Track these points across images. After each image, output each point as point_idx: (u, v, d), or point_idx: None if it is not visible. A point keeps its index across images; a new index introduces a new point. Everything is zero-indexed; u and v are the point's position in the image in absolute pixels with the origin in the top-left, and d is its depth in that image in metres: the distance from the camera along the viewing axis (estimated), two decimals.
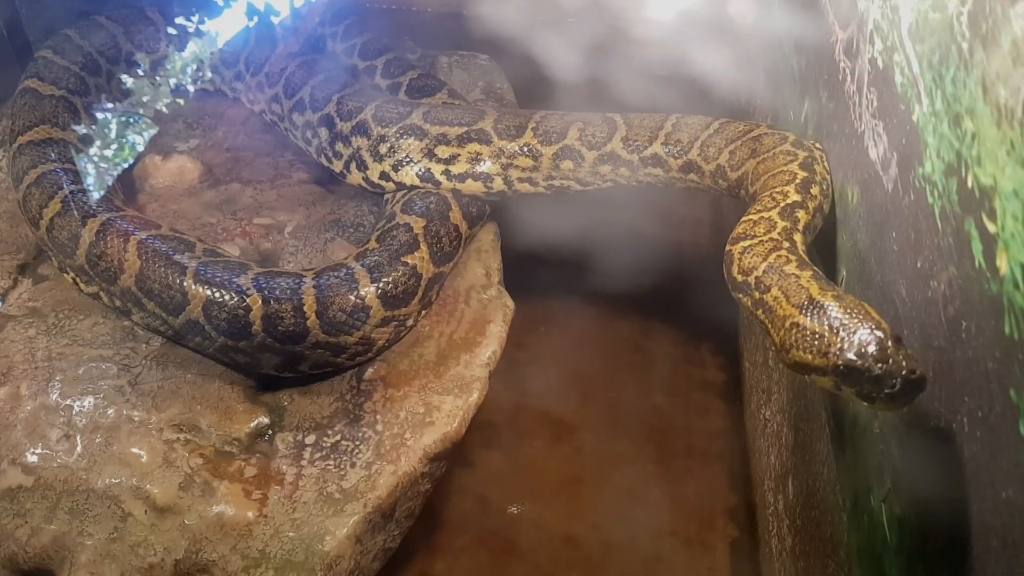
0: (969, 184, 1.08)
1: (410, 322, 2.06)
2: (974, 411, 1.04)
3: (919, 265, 1.24)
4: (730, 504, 2.35)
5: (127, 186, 2.47)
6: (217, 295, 1.92)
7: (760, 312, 1.51)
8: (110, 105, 2.68)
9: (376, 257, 2.00)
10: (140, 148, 2.61)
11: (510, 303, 2.21)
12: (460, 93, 2.56)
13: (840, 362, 1.27)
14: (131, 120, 2.68)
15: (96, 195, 2.24)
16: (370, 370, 2.05)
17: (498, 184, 2.19)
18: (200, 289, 1.94)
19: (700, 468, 2.43)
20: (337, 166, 2.37)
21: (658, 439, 2.49)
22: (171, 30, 2.82)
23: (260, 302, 1.90)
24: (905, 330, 1.27)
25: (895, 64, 1.39)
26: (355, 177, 2.32)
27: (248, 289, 1.92)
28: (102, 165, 2.44)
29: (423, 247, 2.04)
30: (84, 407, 1.95)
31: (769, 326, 1.48)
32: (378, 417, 1.96)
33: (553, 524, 2.29)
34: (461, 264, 2.27)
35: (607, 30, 2.95)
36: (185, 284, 1.95)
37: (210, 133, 2.72)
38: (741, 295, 1.59)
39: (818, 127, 1.88)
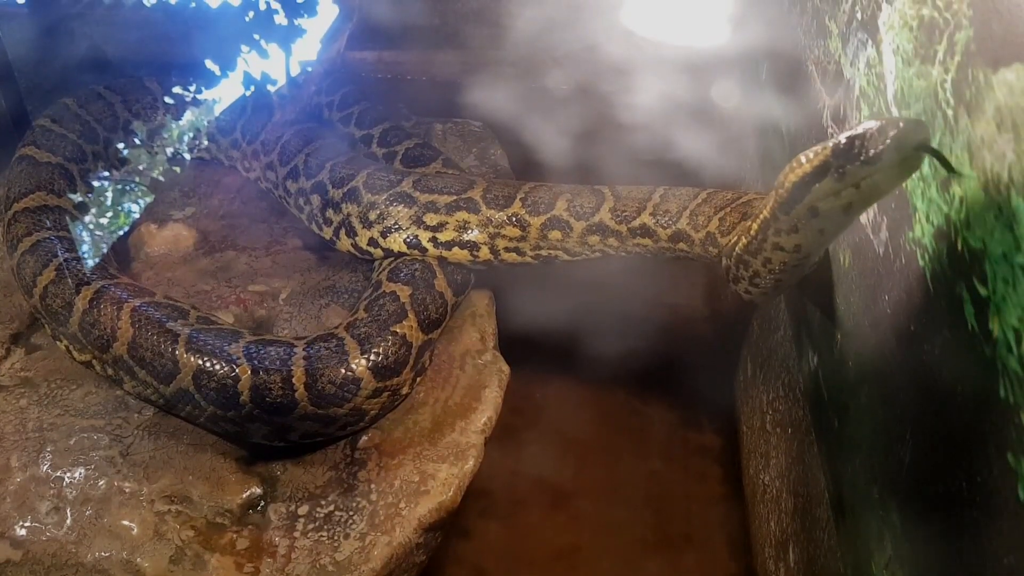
0: (959, 247, 1.09)
1: (404, 390, 2.05)
2: (973, 475, 1.02)
3: (912, 328, 1.24)
4: (730, 572, 2.31)
5: (122, 254, 2.48)
6: (207, 364, 1.91)
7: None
8: (107, 173, 2.71)
9: (365, 328, 1.99)
10: (136, 216, 2.63)
11: (505, 368, 2.20)
12: (455, 161, 2.59)
13: (837, 141, 1.28)
14: (127, 188, 2.71)
15: (91, 263, 2.25)
16: (364, 438, 2.03)
17: (484, 253, 2.20)
18: (191, 358, 1.93)
19: (699, 535, 2.39)
20: (327, 233, 2.38)
21: (656, 506, 2.46)
22: (168, 99, 2.86)
23: (249, 372, 1.89)
24: (900, 394, 1.27)
25: None
26: (344, 243, 2.33)
27: (238, 359, 1.91)
28: (97, 233, 2.45)
29: (411, 315, 2.04)
30: (75, 478, 1.92)
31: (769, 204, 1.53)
32: (372, 486, 1.93)
33: None
34: (456, 329, 2.27)
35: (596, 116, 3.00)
36: (177, 352, 1.94)
37: (206, 201, 2.74)
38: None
39: None
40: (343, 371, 1.91)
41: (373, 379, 1.94)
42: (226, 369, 1.90)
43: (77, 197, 2.50)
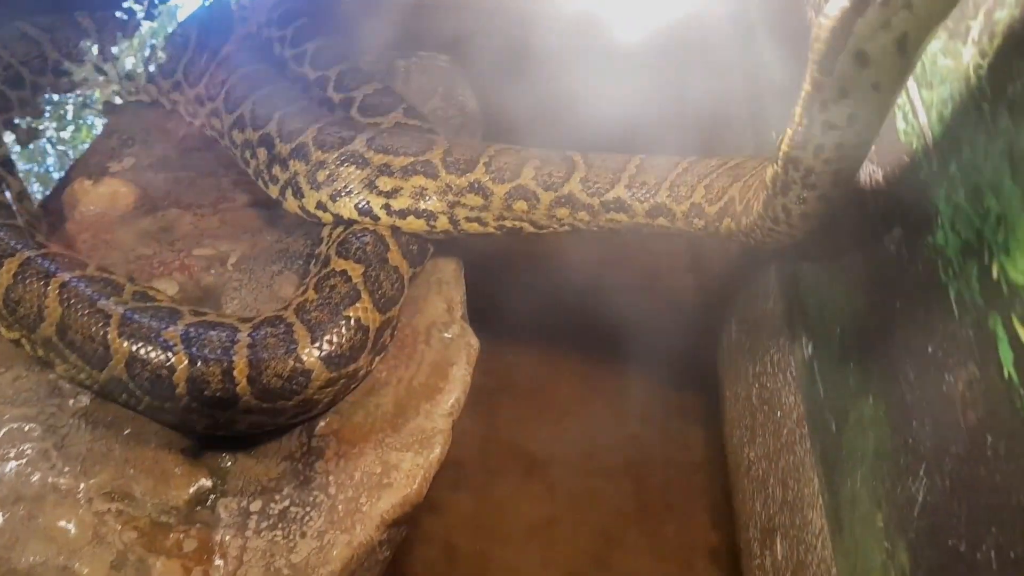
0: (995, 275, 0.92)
1: (362, 373, 1.89)
2: (1004, 548, 0.88)
3: (930, 350, 1.08)
4: (712, 544, 2.21)
5: (54, 214, 2.27)
6: (141, 351, 1.74)
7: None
8: (34, 123, 2.46)
9: (316, 312, 1.81)
10: (68, 170, 2.40)
11: (474, 342, 2.05)
12: (417, 110, 2.37)
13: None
14: (58, 139, 2.47)
15: (15, 229, 2.03)
16: (322, 423, 1.88)
17: (442, 223, 2.01)
18: (124, 343, 1.75)
19: (680, 505, 2.29)
20: (273, 191, 2.17)
21: (635, 473, 2.35)
22: (103, 36, 2.60)
23: (186, 362, 1.72)
24: (913, 420, 1.12)
25: (897, 106, 1.23)
26: (291, 204, 2.13)
27: (174, 345, 1.73)
28: (23, 192, 2.23)
29: (364, 296, 1.86)
30: (5, 474, 1.76)
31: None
32: (331, 478, 1.79)
33: (526, 573, 2.15)
34: (420, 299, 2.10)
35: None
36: (108, 336, 1.77)
37: (147, 150, 2.51)
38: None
39: None
40: (291, 363, 1.74)
41: (325, 370, 1.77)
42: (161, 357, 1.73)
43: (0, 151, 2.27)
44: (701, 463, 2.38)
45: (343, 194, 2.03)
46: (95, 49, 2.56)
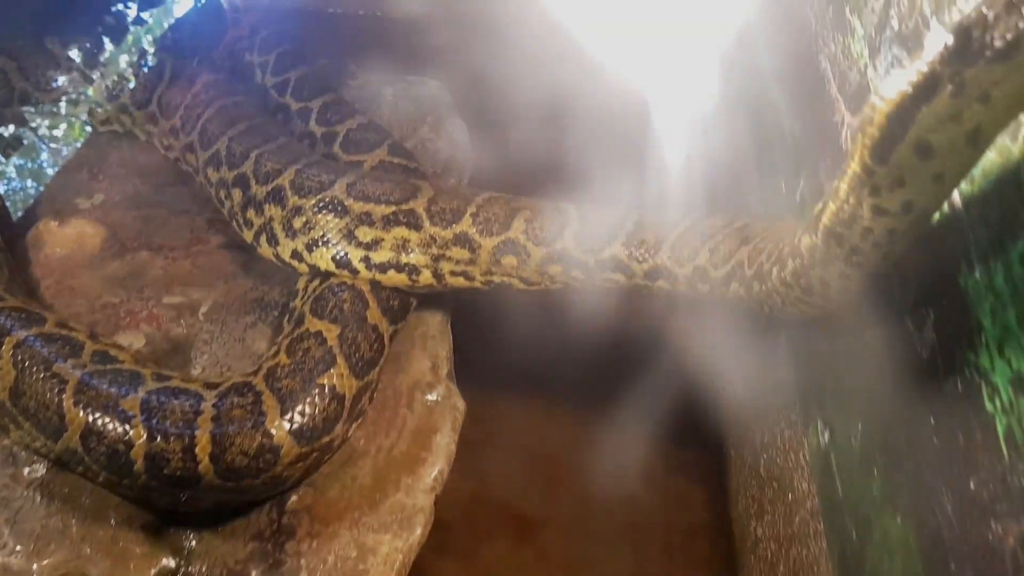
0: None
1: (336, 444, 1.75)
2: None
3: (972, 487, 0.94)
4: None
5: (19, 257, 2.12)
6: (97, 422, 1.61)
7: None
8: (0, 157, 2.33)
9: (287, 380, 1.67)
10: (34, 208, 2.26)
11: (460, 404, 1.91)
12: (403, 146, 2.23)
13: (943, 42, 0.85)
14: (25, 174, 2.33)
15: None
16: (294, 497, 1.74)
17: (426, 277, 1.87)
18: (79, 412, 1.62)
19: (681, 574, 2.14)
20: (248, 235, 2.03)
21: (633, 538, 2.20)
22: (73, 63, 2.46)
23: (144, 436, 1.58)
24: (952, 563, 0.98)
25: None
26: (266, 250, 1.99)
27: (133, 417, 1.60)
28: None
29: (340, 361, 1.72)
30: None
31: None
32: (302, 562, 1.65)
33: None
34: (403, 355, 1.96)
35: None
36: (64, 404, 1.63)
37: (117, 185, 2.37)
38: None
39: None
40: (259, 438, 1.60)
41: (296, 445, 1.63)
42: (118, 430, 1.60)
43: None
44: (703, 527, 2.23)
45: (320, 244, 1.89)
46: (64, 77, 2.42)
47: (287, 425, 1.63)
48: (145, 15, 2.72)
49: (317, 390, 1.68)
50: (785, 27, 1.79)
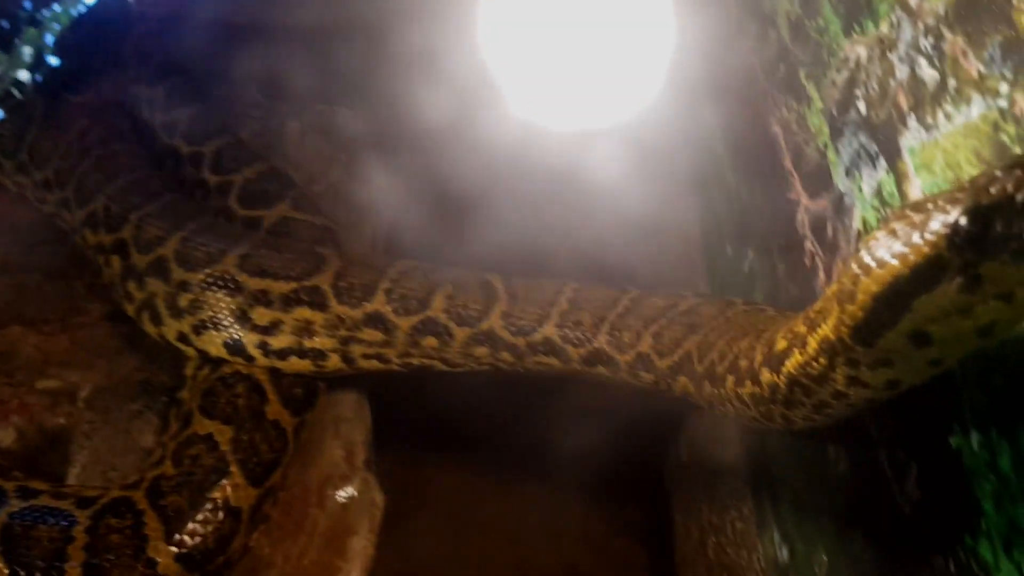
0: None
1: (235, 559, 1.54)
2: None
3: None
4: None
5: None
6: None
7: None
8: None
9: (173, 496, 1.46)
10: None
11: (379, 499, 1.71)
12: (308, 200, 2.00)
13: (952, 218, 0.67)
14: None
15: None
16: None
17: (334, 362, 1.65)
18: None
19: None
20: (129, 310, 1.78)
21: None
22: None
23: (7, 572, 1.36)
24: None
25: None
26: (150, 328, 1.75)
27: None
28: None
29: (234, 469, 1.50)
30: None
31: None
32: None
33: None
34: (313, 444, 1.75)
35: None
36: None
37: None
38: None
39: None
40: (140, 569, 1.39)
41: (185, 572, 1.42)
42: None
43: None
44: None
45: (210, 327, 1.66)
46: None
47: (173, 550, 1.42)
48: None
49: (208, 506, 1.46)
50: (732, 75, 1.61)
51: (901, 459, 0.95)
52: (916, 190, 0.93)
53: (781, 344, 0.97)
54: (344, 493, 1.69)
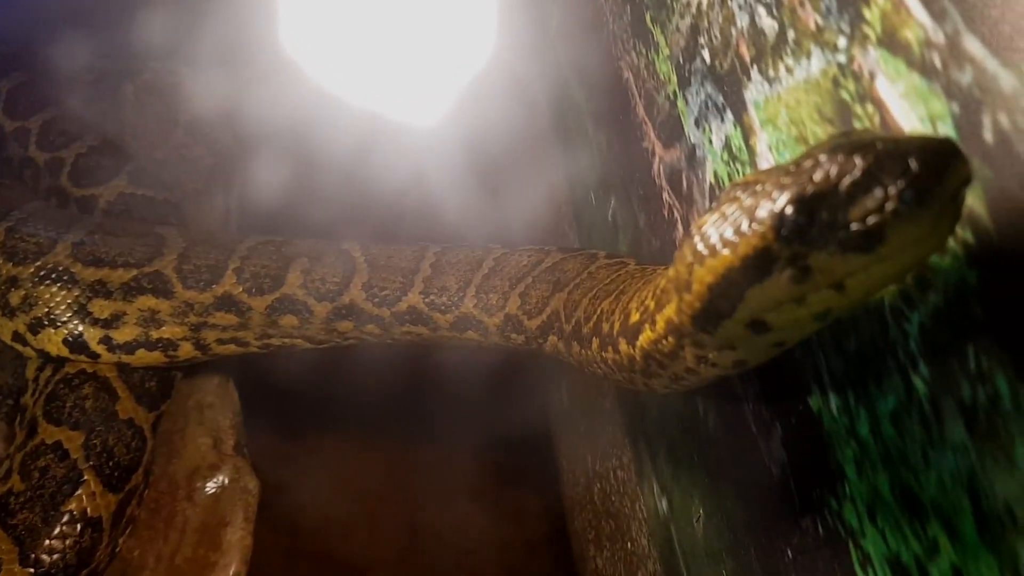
0: None
1: (101, 568, 1.45)
2: None
3: None
4: None
5: None
6: None
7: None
8: None
9: (24, 514, 1.35)
10: None
11: (253, 484, 1.64)
12: (148, 173, 1.86)
13: (777, 207, 0.66)
14: None
15: None
16: None
17: (186, 350, 1.55)
18: None
19: None
20: None
21: (469, 567, 2.04)
22: None
23: None
24: None
25: None
26: None
27: None
28: None
29: (89, 477, 1.41)
30: None
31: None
32: None
33: None
34: (176, 435, 1.66)
35: None
36: None
37: None
38: None
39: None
40: None
41: None
42: None
43: None
44: (542, 543, 2.09)
45: (46, 324, 1.53)
46: None
47: (30, 571, 1.32)
48: None
49: (65, 520, 1.37)
50: (582, 17, 1.55)
51: (766, 418, 0.94)
52: (763, 145, 0.90)
53: (635, 316, 0.94)
54: (214, 483, 1.61)
